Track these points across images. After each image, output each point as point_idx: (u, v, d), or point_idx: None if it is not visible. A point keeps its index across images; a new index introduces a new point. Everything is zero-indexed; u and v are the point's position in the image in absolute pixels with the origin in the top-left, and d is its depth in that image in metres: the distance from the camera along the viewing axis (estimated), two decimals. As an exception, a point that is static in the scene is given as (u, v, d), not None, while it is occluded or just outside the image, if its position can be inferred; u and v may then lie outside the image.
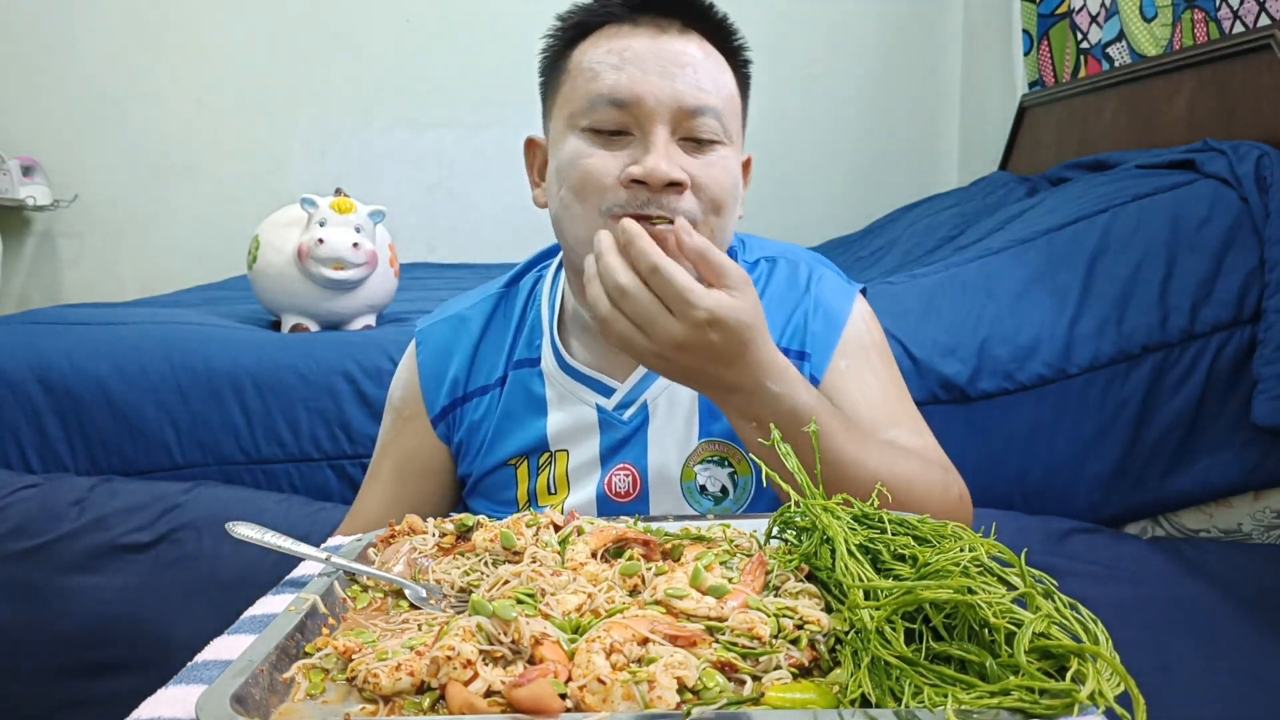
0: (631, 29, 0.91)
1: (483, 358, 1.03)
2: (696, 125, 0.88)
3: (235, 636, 0.59)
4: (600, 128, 0.88)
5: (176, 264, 2.94)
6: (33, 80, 2.89)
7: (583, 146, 0.89)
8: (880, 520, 0.64)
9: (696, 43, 0.91)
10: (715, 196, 0.89)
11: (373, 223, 1.57)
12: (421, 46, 2.99)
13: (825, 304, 0.99)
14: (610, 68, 0.88)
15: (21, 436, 1.37)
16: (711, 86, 0.90)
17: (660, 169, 0.85)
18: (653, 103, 0.87)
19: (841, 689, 0.49)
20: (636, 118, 0.87)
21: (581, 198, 0.89)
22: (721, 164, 0.90)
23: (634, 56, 0.88)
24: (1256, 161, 1.36)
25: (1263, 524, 1.32)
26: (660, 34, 0.90)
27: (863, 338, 0.99)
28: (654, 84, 0.87)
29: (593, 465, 0.97)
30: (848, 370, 0.96)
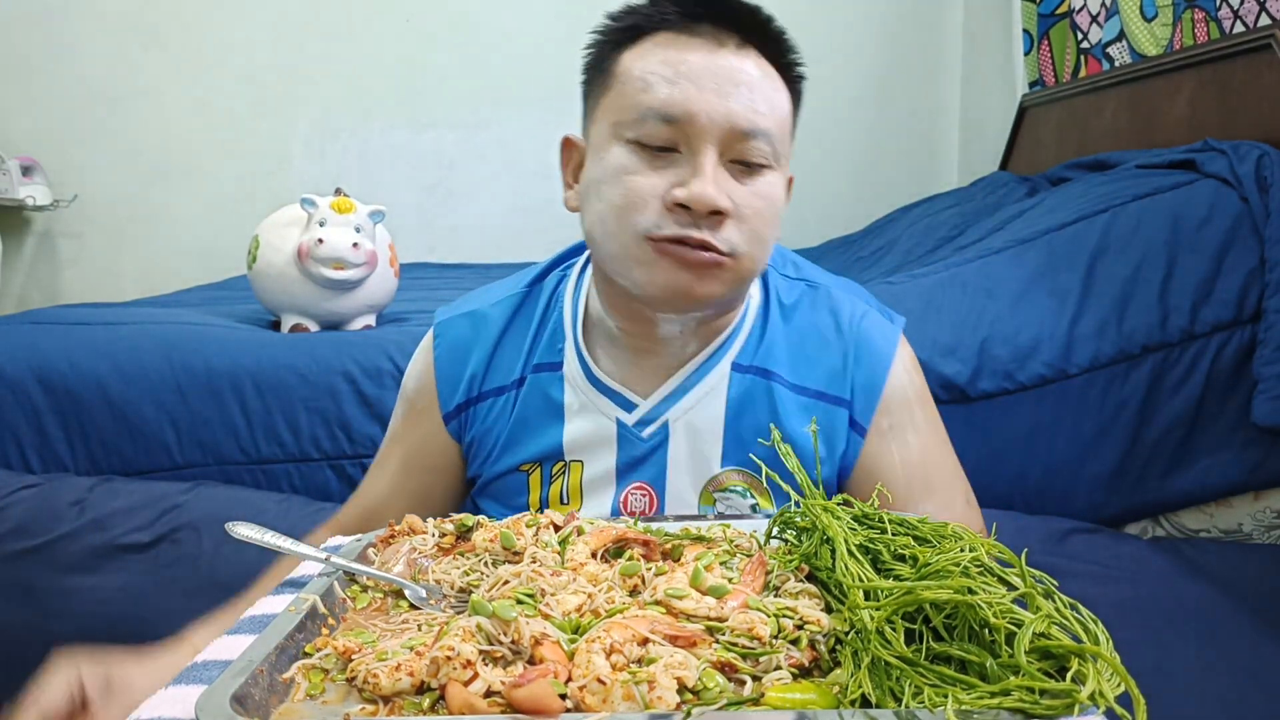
0: (688, 39, 0.87)
1: (501, 358, 1.00)
2: (747, 148, 0.85)
3: (235, 636, 0.59)
4: (647, 142, 0.85)
5: (176, 264, 2.94)
6: (33, 80, 2.89)
7: (627, 161, 0.86)
8: (880, 520, 0.64)
9: (754, 60, 0.87)
10: (757, 227, 0.86)
11: (372, 223, 1.57)
12: (421, 46, 2.99)
13: (868, 349, 0.96)
14: (663, 80, 0.85)
15: (21, 436, 1.37)
16: (766, 108, 0.86)
17: (706, 195, 0.82)
18: (705, 121, 0.83)
19: (841, 689, 0.49)
20: (686, 135, 0.84)
21: (621, 216, 0.86)
22: (768, 191, 0.87)
23: (689, 71, 0.85)
24: (1257, 161, 1.36)
25: (1263, 524, 1.32)
26: (718, 48, 0.86)
27: (905, 391, 0.96)
28: (709, 102, 0.84)
29: (608, 480, 0.95)
30: (890, 431, 0.94)
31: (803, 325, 0.97)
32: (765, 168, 0.87)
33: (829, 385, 0.95)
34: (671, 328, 0.92)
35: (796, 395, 0.94)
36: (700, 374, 0.94)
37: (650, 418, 0.94)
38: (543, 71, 2.97)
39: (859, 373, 0.95)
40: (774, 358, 0.95)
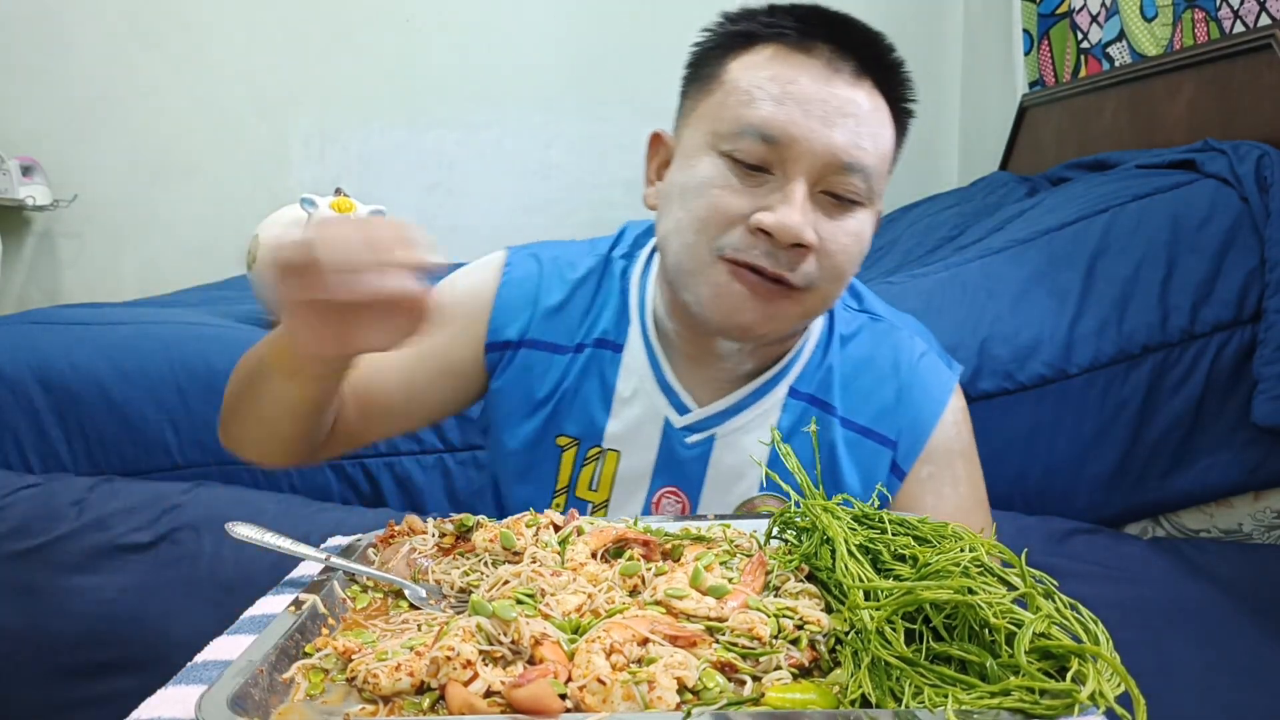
0: (803, 59, 0.83)
1: (565, 316, 0.96)
2: (843, 182, 0.82)
3: (235, 636, 0.59)
4: (741, 158, 0.82)
5: (176, 264, 2.93)
6: (33, 80, 2.89)
7: (716, 174, 0.83)
8: (880, 520, 0.64)
9: (867, 92, 0.84)
10: (839, 265, 0.84)
11: (373, 223, 1.57)
12: (421, 46, 2.98)
13: (921, 393, 0.94)
14: (770, 98, 0.81)
15: (21, 436, 1.37)
16: (871, 143, 0.83)
17: (793, 225, 0.79)
18: (804, 148, 0.80)
19: (841, 689, 0.49)
20: (782, 159, 0.81)
21: (699, 229, 0.83)
22: (856, 230, 0.84)
23: (798, 93, 0.81)
24: (1257, 161, 1.36)
25: (1263, 524, 1.32)
26: (833, 75, 0.82)
27: (950, 444, 0.94)
28: (812, 129, 0.80)
29: (642, 478, 0.93)
30: (928, 480, 0.93)
31: (859, 357, 0.95)
32: (858, 204, 0.84)
33: (877, 423, 0.93)
34: (729, 347, 0.91)
35: (845, 430, 0.93)
36: (758, 395, 0.93)
37: (699, 426, 0.92)
38: (543, 72, 2.97)
39: (908, 415, 0.93)
40: (830, 388, 0.94)
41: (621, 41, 2.92)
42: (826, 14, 0.86)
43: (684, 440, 0.92)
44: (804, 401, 0.93)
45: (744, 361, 0.92)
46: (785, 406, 0.93)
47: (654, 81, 2.98)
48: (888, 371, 0.94)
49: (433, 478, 1.39)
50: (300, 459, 0.91)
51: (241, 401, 0.86)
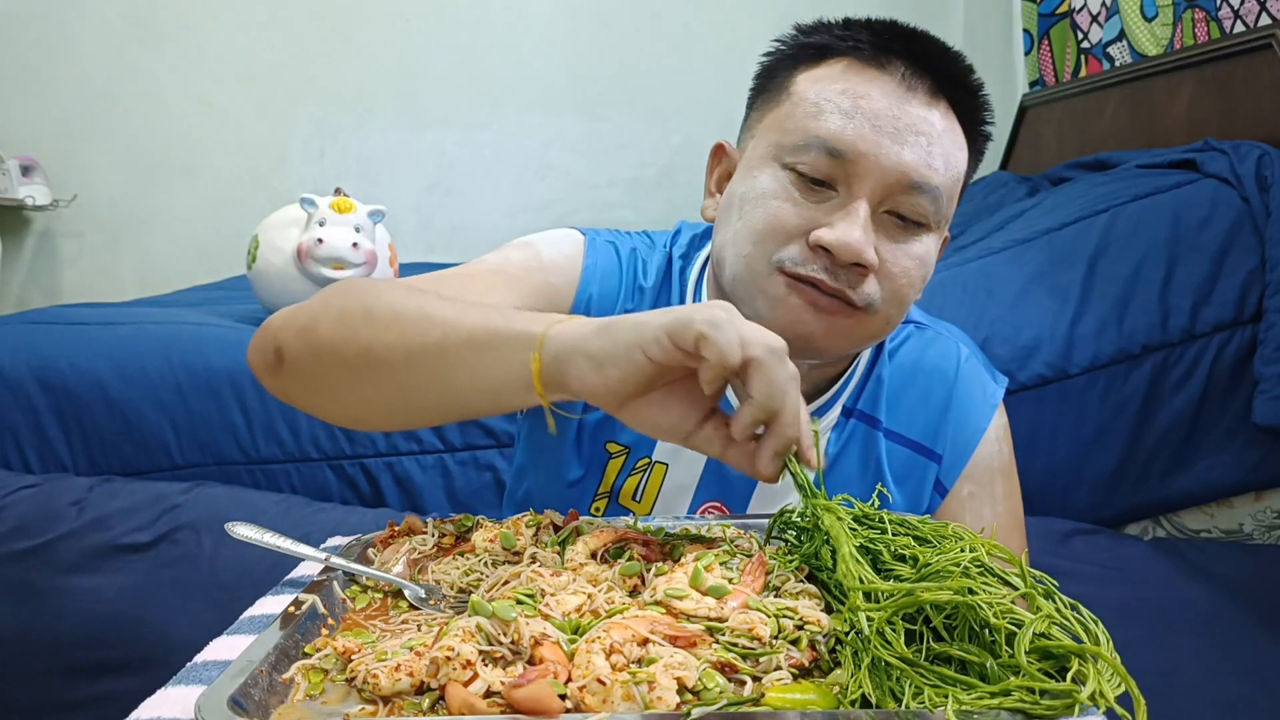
0: (876, 74, 0.80)
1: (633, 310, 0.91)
2: (909, 203, 0.79)
3: (235, 636, 0.59)
4: (805, 172, 0.79)
5: (176, 264, 2.93)
6: (32, 80, 2.89)
7: (778, 186, 0.80)
8: (880, 520, 0.64)
9: (942, 112, 0.81)
10: (900, 289, 0.81)
11: (372, 222, 1.57)
12: (421, 46, 2.98)
13: (967, 406, 0.92)
14: (839, 111, 0.79)
15: (21, 436, 1.37)
16: (942, 164, 0.80)
17: (854, 243, 0.77)
18: (872, 164, 0.78)
19: (841, 689, 0.49)
20: (848, 174, 0.78)
21: (757, 240, 0.81)
22: (921, 254, 0.81)
23: (869, 108, 0.78)
24: (1257, 161, 1.36)
25: (1264, 524, 1.32)
26: (907, 93, 0.80)
27: (992, 460, 0.93)
28: (882, 145, 0.78)
29: (687, 491, 0.91)
30: (968, 500, 0.91)
31: (906, 368, 0.93)
32: (924, 228, 0.81)
33: (924, 437, 0.91)
34: None
35: (894, 444, 0.91)
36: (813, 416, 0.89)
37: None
38: (543, 71, 2.97)
39: (953, 429, 0.92)
40: (878, 402, 0.92)
41: (621, 41, 2.92)
42: (903, 30, 0.84)
43: None
44: (855, 419, 0.92)
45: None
46: (836, 425, 0.91)
47: (654, 81, 2.99)
48: (934, 380, 0.93)
49: (432, 478, 1.39)
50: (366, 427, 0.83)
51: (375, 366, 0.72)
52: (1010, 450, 0.96)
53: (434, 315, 0.70)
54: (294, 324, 0.77)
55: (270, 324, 0.79)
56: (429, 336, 0.69)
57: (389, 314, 0.72)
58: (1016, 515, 0.96)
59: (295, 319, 0.77)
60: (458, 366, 0.68)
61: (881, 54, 0.81)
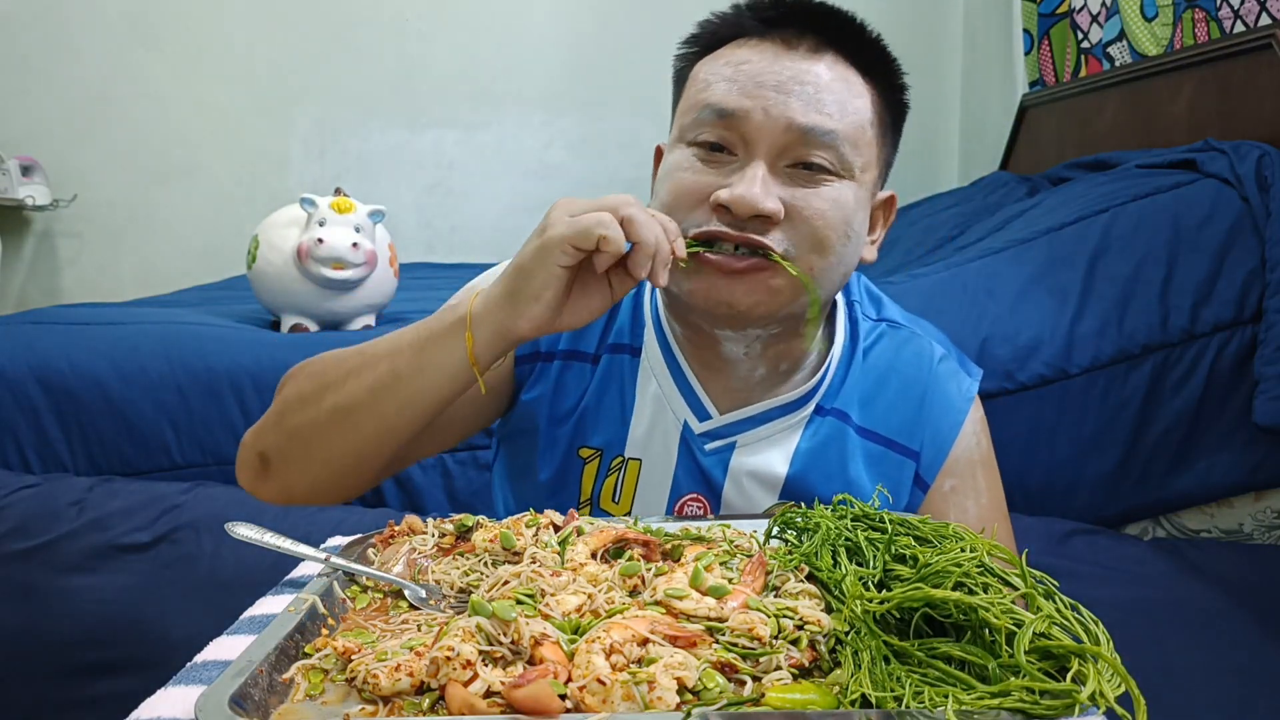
0: (759, 42, 0.84)
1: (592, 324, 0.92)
2: (808, 151, 0.80)
3: (235, 636, 0.59)
4: (704, 140, 0.82)
5: (176, 264, 2.94)
6: (32, 80, 2.89)
7: (684, 159, 0.83)
8: (881, 520, 0.64)
9: (828, 64, 0.83)
10: (817, 232, 0.81)
11: (372, 222, 1.57)
12: (421, 46, 2.99)
13: (943, 402, 0.92)
14: (724, 79, 0.82)
15: (21, 436, 1.37)
16: (836, 110, 0.81)
17: (748, 195, 0.78)
18: (760, 118, 0.80)
19: (841, 689, 0.49)
20: (742, 135, 0.81)
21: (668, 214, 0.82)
22: (835, 199, 0.81)
23: (751, 70, 0.81)
24: (1257, 161, 1.36)
25: (1264, 524, 1.32)
26: (788, 51, 0.82)
27: (972, 453, 0.94)
28: (765, 98, 0.80)
29: (663, 485, 0.91)
30: (950, 494, 0.92)
31: (880, 367, 0.94)
32: (832, 174, 0.82)
33: (901, 434, 0.92)
34: (734, 348, 0.89)
35: (868, 442, 0.92)
36: (784, 411, 0.91)
37: (719, 433, 0.91)
38: (543, 72, 2.97)
39: (930, 426, 0.92)
40: (852, 401, 0.92)
41: (621, 41, 2.92)
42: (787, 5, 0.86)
43: (703, 446, 0.91)
44: (829, 416, 0.92)
45: (755, 366, 0.91)
46: (810, 421, 0.91)
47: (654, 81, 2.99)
48: (909, 380, 0.93)
49: (432, 478, 1.39)
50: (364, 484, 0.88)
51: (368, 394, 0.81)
52: (989, 442, 0.97)
53: (377, 352, 0.83)
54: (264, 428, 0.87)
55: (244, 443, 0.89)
56: (380, 368, 0.81)
57: (340, 372, 0.83)
58: (1000, 505, 0.96)
59: (263, 425, 0.88)
60: (414, 377, 0.80)
61: (764, 26, 0.85)
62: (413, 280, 2.25)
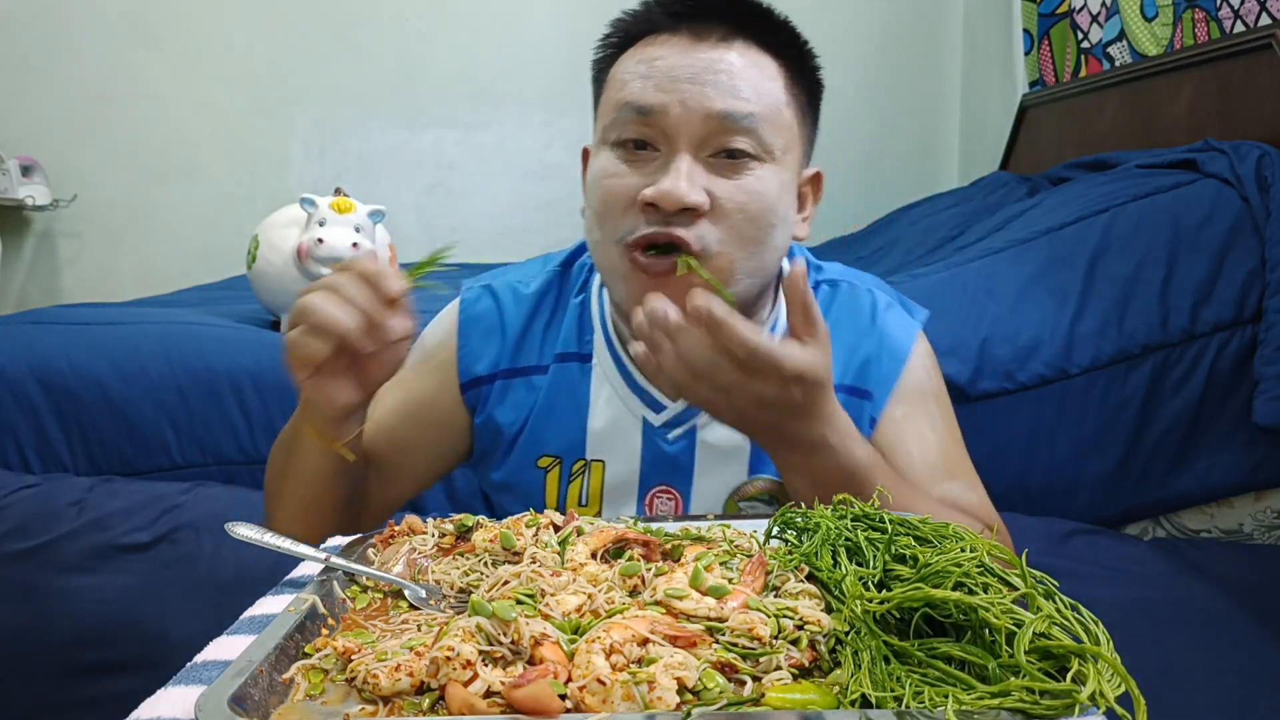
0: (668, 37, 0.85)
1: (529, 340, 0.97)
2: (728, 138, 0.81)
3: (235, 637, 0.59)
4: (626, 139, 0.83)
5: (176, 264, 2.94)
6: (32, 80, 2.89)
7: (609, 163, 0.85)
8: (881, 520, 0.64)
9: (739, 50, 0.84)
10: (739, 224, 0.82)
11: (372, 222, 1.57)
12: (421, 46, 2.99)
13: (889, 341, 0.94)
14: (638, 76, 0.83)
15: (21, 436, 1.37)
16: (751, 93, 0.82)
17: (674, 191, 0.79)
18: (677, 111, 0.81)
19: (841, 689, 0.49)
20: (662, 130, 0.82)
21: (601, 223, 0.85)
22: (756, 188, 0.83)
23: (664, 65, 0.82)
24: (1257, 161, 1.36)
25: (1264, 524, 1.32)
26: (697, 42, 0.83)
27: (922, 383, 0.95)
28: (681, 90, 0.81)
29: (630, 484, 0.93)
30: (903, 420, 0.92)
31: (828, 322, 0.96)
32: (753, 159, 0.83)
33: (856, 379, 0.93)
34: None
35: None
36: None
37: (679, 420, 0.92)
38: (543, 72, 2.97)
39: (878, 366, 0.93)
40: None
41: (621, 41, 2.92)
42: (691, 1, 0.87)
43: (666, 437, 0.92)
44: None
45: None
46: None
47: (654, 81, 2.99)
48: (854, 332, 0.95)
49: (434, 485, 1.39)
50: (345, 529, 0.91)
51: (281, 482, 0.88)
52: (939, 377, 0.98)
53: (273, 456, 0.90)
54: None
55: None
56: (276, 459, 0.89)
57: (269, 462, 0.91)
58: (957, 438, 0.96)
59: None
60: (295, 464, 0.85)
61: (673, 20, 0.85)
62: (413, 280, 2.25)
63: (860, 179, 3.05)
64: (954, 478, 0.91)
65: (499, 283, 1.01)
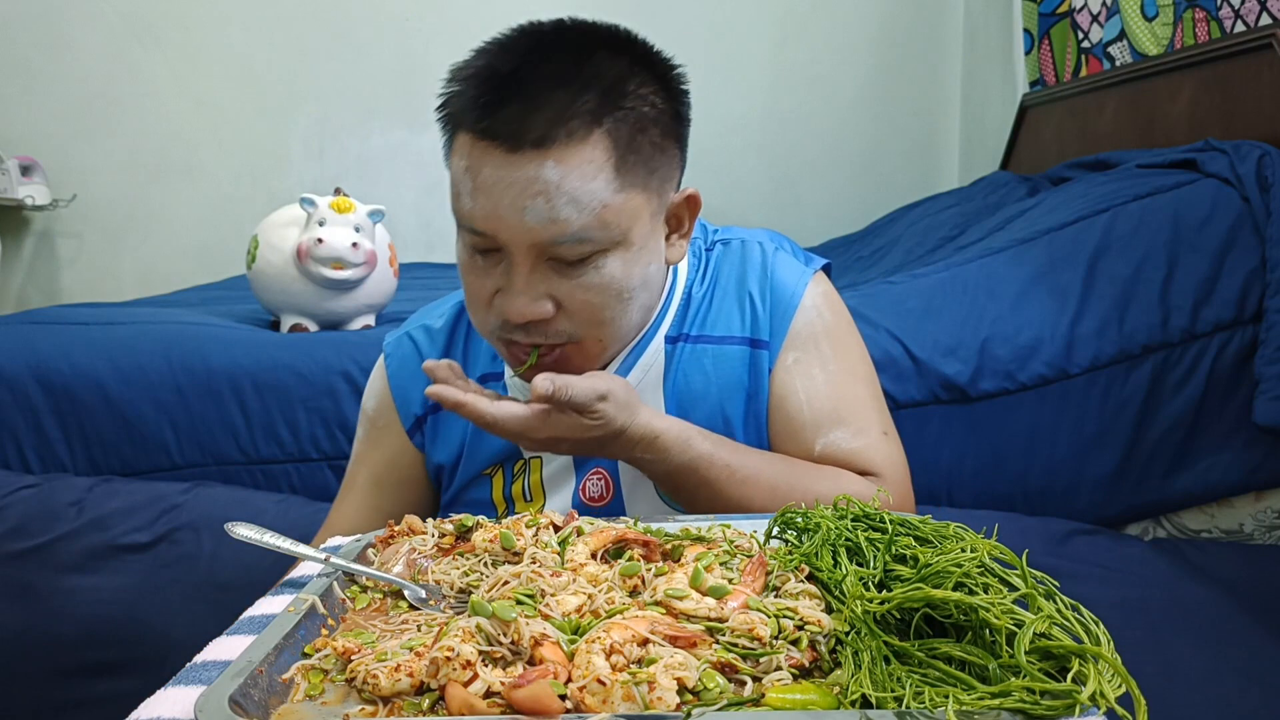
0: (488, 144, 0.81)
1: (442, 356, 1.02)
2: (560, 251, 0.82)
3: (235, 637, 0.59)
4: (473, 246, 0.86)
5: (176, 264, 2.94)
6: (32, 80, 2.89)
7: (465, 257, 0.88)
8: (881, 520, 0.64)
9: (556, 155, 0.80)
10: (592, 318, 0.86)
11: (372, 222, 1.57)
12: (421, 46, 2.98)
13: (778, 290, 0.96)
14: (467, 193, 0.83)
15: (20, 436, 1.37)
16: (573, 210, 0.81)
17: (514, 310, 0.84)
18: (506, 237, 0.82)
19: (841, 689, 0.49)
20: (498, 243, 0.84)
21: (472, 311, 0.90)
22: (598, 280, 0.84)
23: (484, 183, 0.82)
24: (1258, 161, 1.36)
25: (1264, 524, 1.32)
26: (513, 156, 0.80)
27: (814, 325, 0.96)
28: (505, 219, 0.81)
29: (567, 471, 0.96)
30: (794, 366, 0.94)
31: (723, 283, 0.98)
32: (594, 255, 0.84)
33: (751, 329, 0.96)
34: None
35: (724, 347, 0.96)
36: (634, 356, 0.95)
37: None
38: (543, 71, 2.97)
39: (771, 314, 0.96)
40: (701, 321, 0.97)
41: (621, 41, 2.91)
42: (510, 66, 0.82)
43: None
44: (681, 343, 0.96)
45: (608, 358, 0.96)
46: (665, 354, 0.96)
47: (654, 81, 2.99)
48: (748, 284, 0.97)
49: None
50: None
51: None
52: (835, 316, 0.98)
53: None
54: None
55: None
56: None
57: None
58: (854, 368, 0.97)
59: None
60: None
61: (487, 115, 0.81)
62: (413, 280, 2.25)
63: (860, 179, 3.05)
64: (841, 422, 0.93)
65: (413, 326, 1.06)
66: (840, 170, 3.04)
